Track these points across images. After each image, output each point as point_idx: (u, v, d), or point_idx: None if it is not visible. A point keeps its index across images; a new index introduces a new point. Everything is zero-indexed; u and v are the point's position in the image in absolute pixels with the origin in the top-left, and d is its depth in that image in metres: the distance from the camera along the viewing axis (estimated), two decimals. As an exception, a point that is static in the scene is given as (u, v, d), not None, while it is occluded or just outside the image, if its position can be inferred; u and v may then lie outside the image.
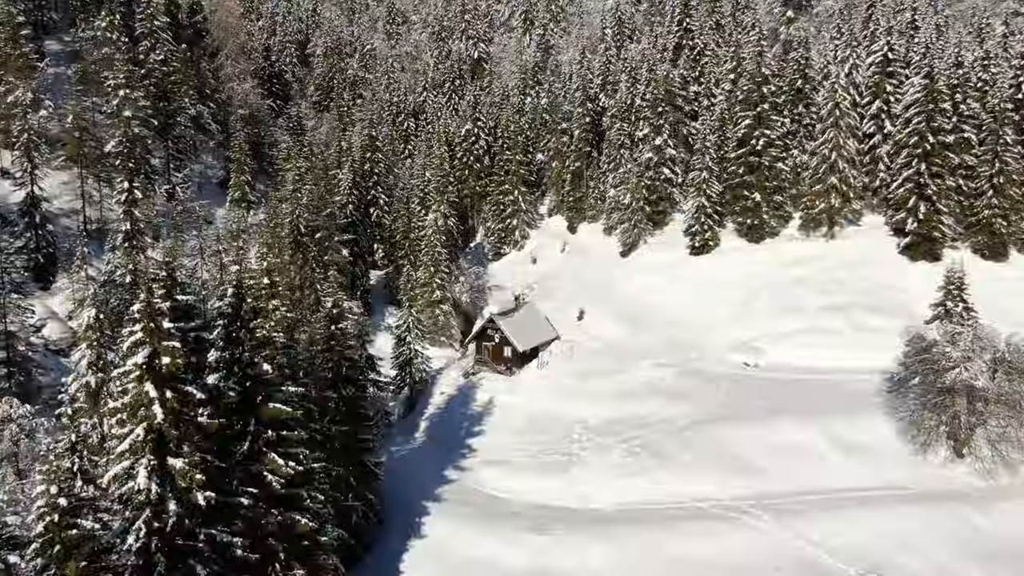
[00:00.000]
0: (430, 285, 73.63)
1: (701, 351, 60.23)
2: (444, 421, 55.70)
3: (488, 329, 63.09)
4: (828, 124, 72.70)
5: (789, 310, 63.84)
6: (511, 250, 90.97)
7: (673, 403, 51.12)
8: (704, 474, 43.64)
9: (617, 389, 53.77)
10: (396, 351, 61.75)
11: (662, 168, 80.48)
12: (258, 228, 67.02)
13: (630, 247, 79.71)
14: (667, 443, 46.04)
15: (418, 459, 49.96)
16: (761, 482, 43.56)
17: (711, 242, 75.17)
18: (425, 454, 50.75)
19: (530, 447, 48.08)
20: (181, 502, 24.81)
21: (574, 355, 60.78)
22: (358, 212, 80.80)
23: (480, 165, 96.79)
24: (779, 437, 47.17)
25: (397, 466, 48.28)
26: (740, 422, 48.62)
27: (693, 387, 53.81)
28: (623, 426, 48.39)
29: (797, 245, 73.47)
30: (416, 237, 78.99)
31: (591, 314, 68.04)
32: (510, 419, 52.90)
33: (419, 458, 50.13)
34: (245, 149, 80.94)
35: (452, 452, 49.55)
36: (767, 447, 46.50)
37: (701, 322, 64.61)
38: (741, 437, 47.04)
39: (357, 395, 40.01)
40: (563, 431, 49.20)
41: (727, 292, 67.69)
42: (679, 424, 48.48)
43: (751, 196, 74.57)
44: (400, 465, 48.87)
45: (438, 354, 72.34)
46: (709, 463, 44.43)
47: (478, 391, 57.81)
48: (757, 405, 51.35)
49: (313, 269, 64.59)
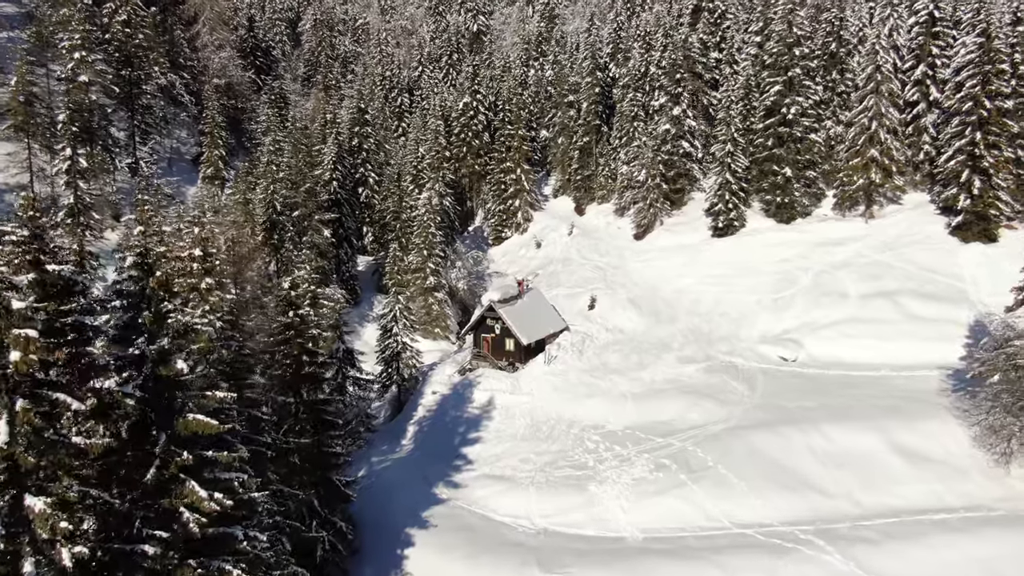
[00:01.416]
0: (423, 270, 66.02)
1: (730, 344, 52.73)
2: (435, 425, 48.11)
3: (487, 319, 55.36)
4: (868, 90, 65.08)
5: (828, 297, 56.36)
6: (513, 233, 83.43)
7: (703, 404, 43.58)
8: (748, 492, 36.13)
9: (637, 388, 46.20)
10: (381, 344, 54.10)
11: (680, 141, 72.81)
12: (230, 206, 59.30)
13: (645, 229, 72.17)
14: (700, 453, 38.47)
15: (403, 472, 42.28)
16: (817, 501, 36.11)
17: (736, 222, 67.62)
18: (412, 466, 43.07)
19: (536, 458, 40.45)
20: (43, 561, 17.29)
21: (586, 349, 53.17)
22: (344, 190, 73.12)
23: (479, 142, 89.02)
24: (832, 445, 39.69)
25: (378, 481, 40.80)
26: (784, 427, 41.12)
27: (724, 385, 46.31)
28: (646, 432, 40.80)
29: (832, 226, 65.97)
30: (408, 218, 71.32)
31: (603, 302, 60.45)
32: (512, 424, 45.36)
33: (405, 471, 42.46)
34: (219, 121, 73.24)
35: (443, 464, 41.95)
36: (819, 457, 39.04)
37: (729, 311, 57.20)
38: (787, 445, 39.53)
39: (322, 398, 32.36)
40: (575, 439, 41.60)
41: (756, 278, 60.27)
42: (712, 430, 40.94)
43: (781, 171, 66.98)
44: (382, 480, 41.34)
45: (431, 348, 64.89)
46: (753, 477, 36.90)
47: (475, 390, 50.19)
48: (801, 406, 43.91)
49: (290, 252, 56.82)
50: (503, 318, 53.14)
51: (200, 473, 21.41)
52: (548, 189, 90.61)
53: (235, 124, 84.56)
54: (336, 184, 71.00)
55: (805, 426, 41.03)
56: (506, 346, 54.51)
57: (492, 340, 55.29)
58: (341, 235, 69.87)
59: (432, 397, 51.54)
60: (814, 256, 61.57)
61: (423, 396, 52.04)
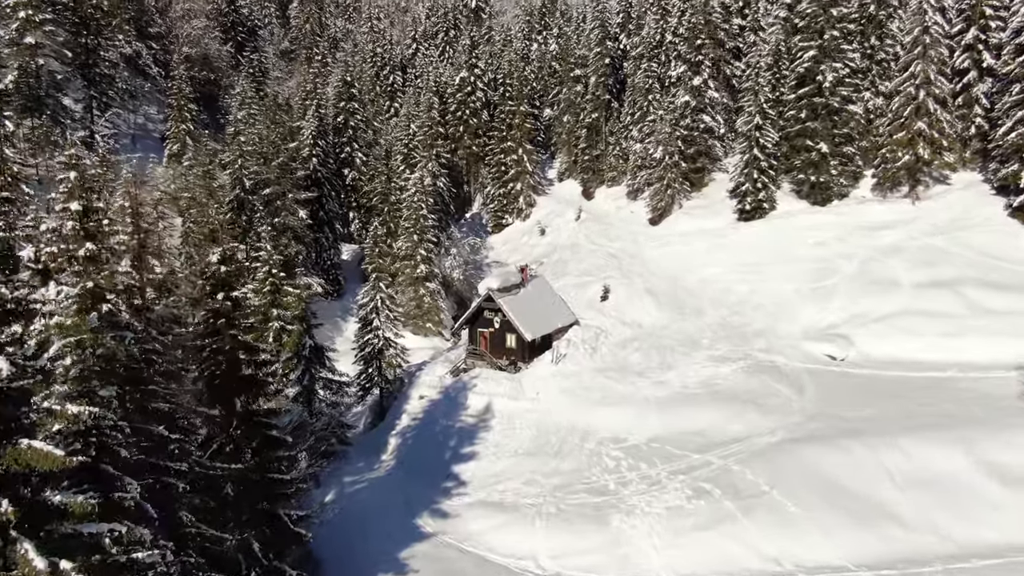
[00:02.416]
0: (412, 258, 58.65)
1: (768, 340, 45.39)
2: (422, 437, 40.61)
3: (485, 311, 47.86)
4: (914, 55, 57.53)
5: (878, 287, 49.02)
6: (515, 220, 76.03)
7: (744, 412, 36.20)
8: (810, 525, 28.76)
9: (663, 392, 38.78)
10: (360, 339, 46.55)
11: (701, 115, 65.38)
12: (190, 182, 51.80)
13: (661, 213, 64.75)
14: (747, 474, 31.04)
15: (380, 496, 34.71)
16: (897, 536, 28.82)
17: (765, 204, 60.22)
18: (392, 488, 35.51)
19: (543, 480, 32.91)
20: None
21: (600, 345, 45.75)
22: (325, 168, 65.71)
23: (477, 121, 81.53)
24: (909, 463, 32.33)
25: (349, 508, 33.35)
26: (845, 440, 33.78)
27: (767, 389, 38.95)
28: (678, 447, 33.36)
29: (873, 208, 58.57)
30: (397, 200, 63.87)
31: (618, 293, 53.06)
32: (514, 436, 37.90)
33: (382, 495, 34.90)
34: (187, 92, 65.64)
35: (430, 486, 34.46)
36: (893, 478, 31.68)
37: (763, 303, 49.92)
38: (853, 463, 32.17)
39: (266, 409, 24.73)
40: (591, 455, 34.13)
41: (792, 265, 52.99)
42: (758, 444, 33.55)
43: (815, 147, 59.61)
44: (353, 506, 33.89)
45: (422, 345, 57.61)
46: (815, 506, 29.53)
47: (470, 394, 42.72)
48: (861, 415, 36.61)
49: (258, 235, 49.33)
50: (503, 310, 45.67)
51: (39, 529, 13.91)
52: (552, 172, 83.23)
53: (210, 101, 77.19)
54: (316, 161, 63.56)
55: (871, 439, 33.65)
56: (507, 342, 47.06)
57: (490, 335, 47.88)
58: (322, 219, 62.48)
59: (419, 403, 44.02)
60: (856, 241, 54.26)
61: (408, 401, 44.49)
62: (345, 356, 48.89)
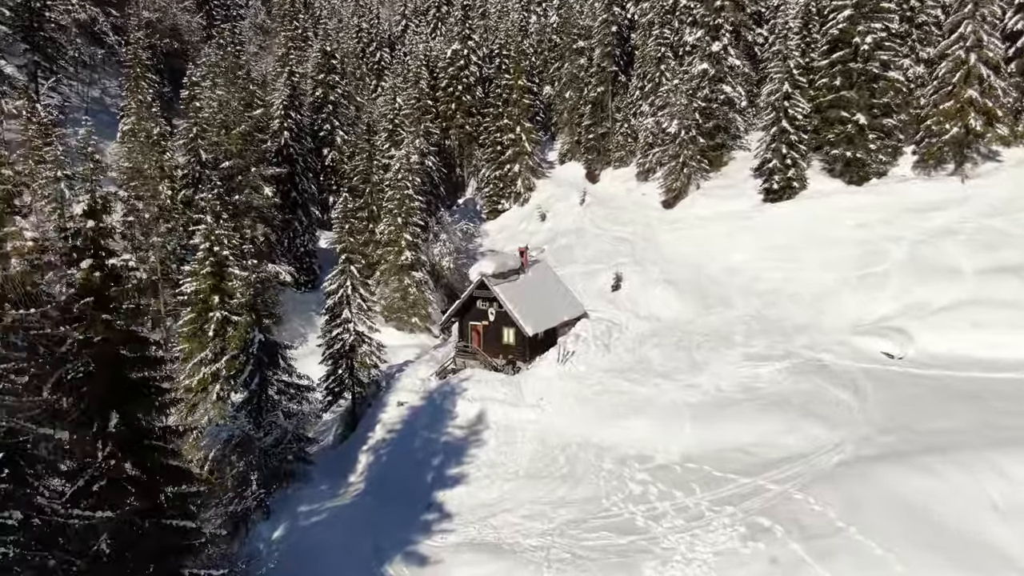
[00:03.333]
0: (396, 243, 51.72)
1: (811, 335, 38.62)
2: (398, 454, 33.44)
3: (478, 300, 40.82)
4: (963, 14, 50.90)
5: (936, 274, 42.40)
6: (512, 205, 69.18)
7: (798, 423, 29.33)
8: (904, 570, 21.80)
9: (695, 398, 31.84)
10: (326, 334, 39.28)
11: (720, 85, 58.53)
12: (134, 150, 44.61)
13: (676, 194, 57.93)
14: (812, 505, 24.15)
15: (341, 532, 27.32)
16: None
17: (795, 183, 53.47)
18: (357, 520, 28.10)
19: (552, 512, 25.56)
20: None
21: (614, 342, 38.82)
22: (298, 144, 58.57)
23: (471, 97, 74.59)
24: (1011, 486, 25.48)
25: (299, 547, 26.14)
26: (927, 457, 27.01)
27: (821, 394, 32.10)
28: (720, 467, 26.44)
29: (918, 187, 51.86)
30: (380, 180, 56.84)
31: (632, 282, 46.21)
32: (513, 452, 30.83)
33: (344, 530, 27.51)
34: (143, 59, 58.36)
35: (406, 518, 27.14)
36: (996, 507, 24.82)
37: (800, 292, 43.23)
38: (942, 488, 25.37)
39: (162, 428, 17.46)
40: (610, 478, 27.06)
41: (831, 250, 46.38)
42: (822, 464, 26.68)
43: (852, 118, 52.90)
44: (306, 544, 26.67)
45: (407, 342, 50.75)
46: (906, 546, 22.70)
47: (459, 400, 35.47)
48: (937, 426, 29.92)
49: (218, 217, 42.17)
50: (500, 299, 38.67)
51: None
52: (553, 155, 76.42)
53: (177, 75, 69.83)
54: (289, 136, 56.50)
55: (960, 456, 26.78)
56: (504, 338, 40.07)
57: (484, 330, 40.88)
58: (294, 200, 55.46)
59: (397, 411, 36.90)
60: (903, 223, 47.57)
61: (385, 409, 37.33)
62: (317, 355, 41.96)
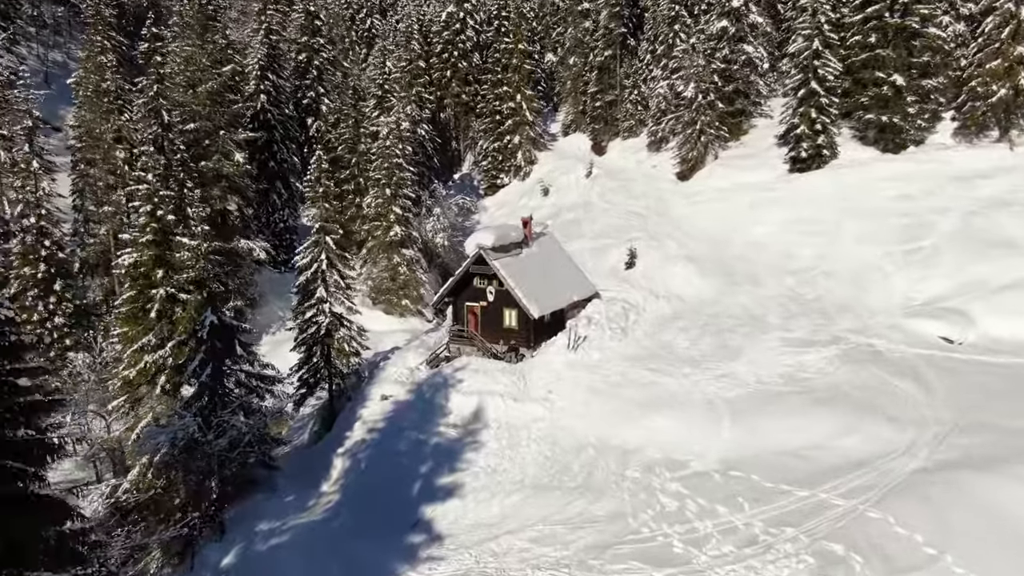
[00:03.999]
0: (385, 217, 46.68)
1: (857, 317, 33.83)
2: (380, 458, 28.21)
3: (476, 278, 35.69)
4: (1013, -38, 45.78)
5: (994, 248, 37.48)
6: (512, 179, 64.17)
7: (860, 421, 24.53)
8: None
9: (731, 391, 26.95)
10: (299, 315, 33.81)
11: (741, 45, 53.37)
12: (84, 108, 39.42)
13: (693, 165, 52.94)
14: (893, 526, 19.36)
15: (307, 559, 22.38)
16: None
17: (825, 151, 48.49)
18: (325, 543, 23.09)
19: (566, 534, 20.22)
20: None
21: (631, 325, 33.90)
22: (277, 110, 53.29)
23: (467, 64, 69.32)
24: None
25: None
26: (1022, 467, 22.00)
27: (881, 385, 27.35)
28: (770, 476, 21.62)
29: (960, 155, 46.93)
30: (367, 150, 51.71)
31: (647, 259, 41.32)
32: (516, 457, 25.69)
33: (311, 556, 22.52)
34: (107, 17, 52.79)
35: (386, 540, 22.04)
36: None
37: (837, 270, 38.49)
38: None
39: (25, 443, 12.30)
40: (636, 490, 21.92)
41: (871, 222, 41.62)
42: (894, 471, 21.96)
43: (888, 79, 47.83)
44: (265, 573, 21.82)
45: (398, 327, 45.95)
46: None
47: (453, 393, 30.12)
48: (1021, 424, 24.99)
49: (182, 185, 37.01)
50: (501, 276, 33.70)
51: None
52: (556, 127, 71.34)
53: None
54: (266, 99, 51.24)
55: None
56: (505, 321, 35.11)
57: (482, 312, 35.93)
58: (272, 170, 50.36)
59: (380, 406, 31.78)
60: (948, 193, 42.73)
61: (366, 404, 32.20)
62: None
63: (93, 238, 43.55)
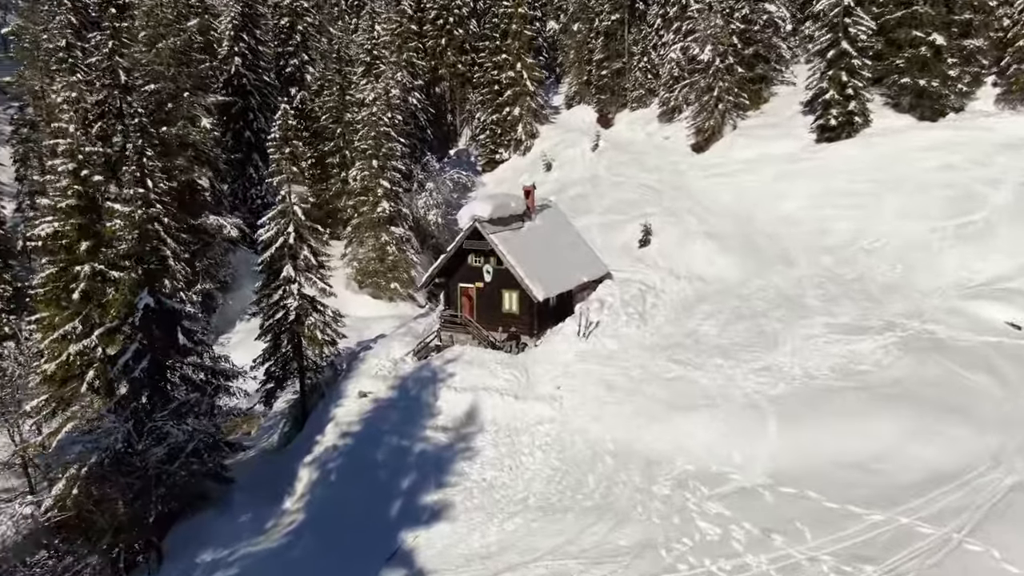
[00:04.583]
0: (372, 192, 42.32)
1: (909, 300, 29.67)
2: (354, 468, 23.71)
3: (471, 255, 31.19)
4: (1068, -92, 41.35)
5: (1056, 223, 33.16)
6: (511, 154, 59.84)
7: (936, 423, 20.40)
8: None
9: (774, 387, 22.70)
10: (264, 298, 29.21)
11: (762, 3, 48.88)
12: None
13: (709, 136, 48.61)
14: (998, 561, 15.15)
15: None
16: None
17: (857, 118, 44.17)
18: None
19: (582, 571, 16.50)
20: None
21: (650, 310, 29.64)
22: (253, 75, 48.72)
23: (464, 31, 64.81)
24: None
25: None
26: None
27: (951, 379, 23.28)
28: (834, 496, 17.43)
29: (1005, 122, 42.78)
30: (354, 120, 47.24)
31: (664, 236, 37.06)
32: (518, 468, 21.24)
33: None
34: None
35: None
36: None
37: (878, 247, 34.39)
38: None
39: None
40: (668, 511, 17.54)
41: (913, 195, 37.45)
42: (985, 485, 17.99)
43: (926, 39, 43.47)
44: None
45: (387, 312, 41.83)
46: None
47: (443, 390, 25.62)
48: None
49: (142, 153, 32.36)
50: (500, 253, 29.32)
51: None
52: (559, 99, 66.94)
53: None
54: (241, 63, 46.68)
55: None
56: (504, 304, 30.78)
57: (478, 294, 31.63)
58: (248, 141, 45.93)
59: (356, 405, 27.35)
60: (999, 162, 38.47)
61: (341, 403, 27.68)
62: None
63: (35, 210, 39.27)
